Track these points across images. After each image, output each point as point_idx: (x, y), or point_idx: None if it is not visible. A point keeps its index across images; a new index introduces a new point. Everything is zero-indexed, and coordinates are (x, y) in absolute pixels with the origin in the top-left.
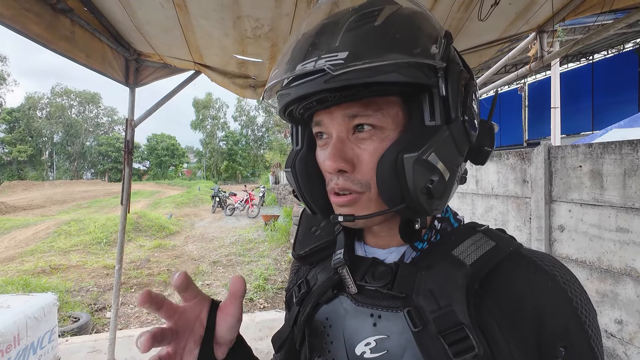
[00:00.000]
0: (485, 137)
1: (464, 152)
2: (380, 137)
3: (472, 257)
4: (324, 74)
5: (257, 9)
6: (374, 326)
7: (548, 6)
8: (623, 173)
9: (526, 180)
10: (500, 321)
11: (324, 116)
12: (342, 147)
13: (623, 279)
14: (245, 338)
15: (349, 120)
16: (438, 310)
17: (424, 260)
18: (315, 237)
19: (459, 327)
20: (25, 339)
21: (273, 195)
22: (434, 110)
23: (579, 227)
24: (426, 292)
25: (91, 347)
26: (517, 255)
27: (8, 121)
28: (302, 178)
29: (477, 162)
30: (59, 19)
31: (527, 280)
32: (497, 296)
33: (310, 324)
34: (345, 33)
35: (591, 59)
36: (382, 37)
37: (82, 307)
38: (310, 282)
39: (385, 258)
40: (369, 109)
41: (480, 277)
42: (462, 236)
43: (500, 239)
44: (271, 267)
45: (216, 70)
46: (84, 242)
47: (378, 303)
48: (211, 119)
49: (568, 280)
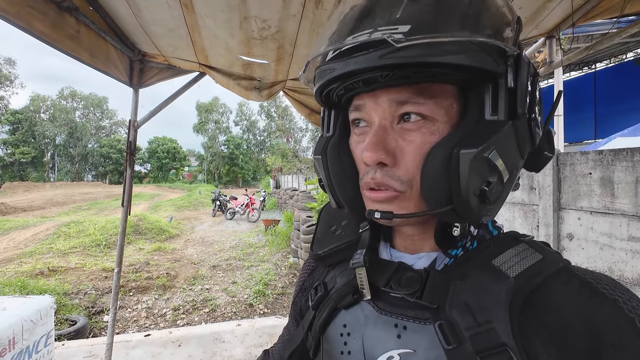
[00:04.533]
0: (545, 142)
1: (525, 154)
2: (430, 129)
3: (515, 269)
4: (380, 48)
5: (264, 9)
6: (398, 338)
7: (558, 11)
8: (635, 181)
9: (533, 187)
10: (549, 346)
11: (368, 100)
12: (385, 137)
13: (635, 289)
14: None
15: (396, 106)
16: (476, 327)
17: (458, 268)
18: (335, 237)
19: (501, 348)
20: (20, 342)
21: (274, 200)
22: (497, 103)
23: (588, 236)
24: (461, 305)
25: (88, 352)
26: (568, 273)
27: (11, 122)
28: (332, 167)
29: (533, 169)
30: (64, 18)
31: (581, 303)
32: (544, 317)
33: (326, 331)
34: (408, 3)
35: (594, 68)
36: (451, 12)
37: (79, 310)
38: (328, 285)
39: (414, 264)
40: (422, 96)
41: (525, 293)
42: (504, 245)
43: (548, 252)
44: (271, 272)
45: (221, 72)
46: (83, 244)
47: (404, 313)
48: (214, 123)
49: (635, 307)
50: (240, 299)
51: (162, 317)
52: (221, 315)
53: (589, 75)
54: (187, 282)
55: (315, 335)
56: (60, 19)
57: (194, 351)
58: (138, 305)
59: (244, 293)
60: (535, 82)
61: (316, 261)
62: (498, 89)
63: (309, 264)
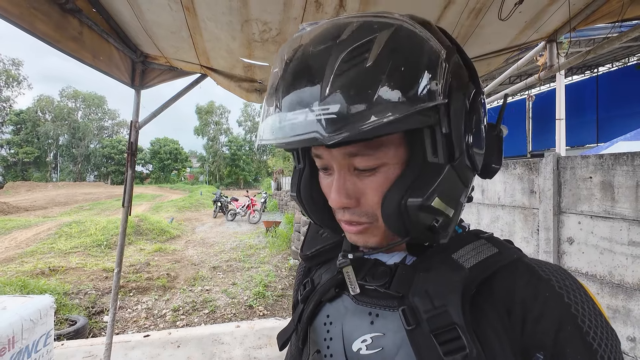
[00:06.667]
0: (493, 152)
1: (469, 183)
2: (382, 172)
3: (471, 261)
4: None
5: (265, 12)
6: (371, 324)
7: (558, 15)
8: (635, 185)
9: (534, 191)
10: (497, 327)
11: (323, 152)
12: (345, 183)
13: (636, 294)
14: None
15: (349, 158)
16: (432, 310)
17: (423, 262)
18: (322, 239)
19: (451, 327)
20: (20, 341)
21: (275, 202)
22: (436, 147)
23: (589, 240)
24: (422, 292)
25: (87, 352)
26: (518, 262)
27: (15, 122)
28: (307, 203)
29: (485, 177)
30: (67, 19)
31: (522, 285)
32: (494, 302)
33: (312, 321)
34: (334, 78)
35: (596, 72)
36: (375, 82)
37: (79, 310)
38: (315, 281)
39: (387, 260)
40: (370, 148)
41: (477, 281)
42: (464, 241)
43: (504, 246)
44: (271, 274)
45: (222, 74)
46: (84, 244)
47: (376, 302)
48: (214, 125)
49: (567, 285)
50: (240, 301)
51: (161, 318)
52: (221, 317)
53: (591, 79)
54: (187, 283)
55: (303, 327)
56: (63, 21)
57: (193, 352)
58: (138, 306)
59: (243, 294)
60: (476, 100)
61: (305, 261)
62: (435, 134)
63: (302, 266)
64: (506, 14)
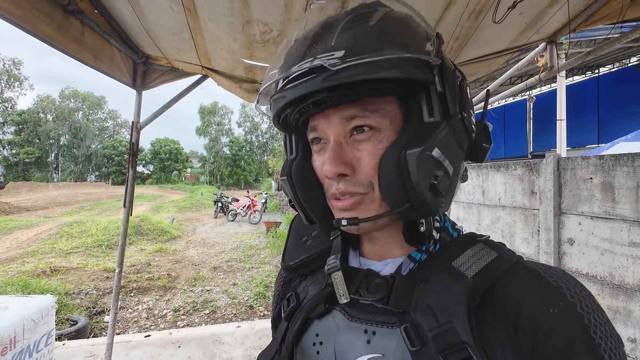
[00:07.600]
0: (482, 135)
1: (464, 148)
2: (378, 138)
3: (473, 269)
4: (321, 73)
5: (266, 13)
6: (367, 343)
7: (558, 17)
8: (636, 186)
9: (534, 192)
10: (501, 338)
11: (320, 120)
12: (341, 151)
13: (636, 295)
14: (244, 347)
15: (346, 122)
16: (437, 328)
17: (422, 272)
18: (306, 247)
19: (460, 346)
20: (21, 341)
21: (275, 202)
22: (432, 107)
23: (589, 241)
24: (425, 308)
25: (88, 352)
26: (519, 266)
27: (17, 123)
28: (299, 186)
29: (476, 160)
30: (69, 21)
31: (529, 293)
32: (497, 310)
33: (299, 341)
34: (340, 33)
35: (597, 72)
36: (377, 35)
37: (80, 310)
38: (300, 296)
39: (381, 270)
40: (367, 109)
41: (482, 291)
42: (463, 247)
43: (503, 250)
44: (272, 274)
45: (223, 75)
46: (85, 245)
47: (373, 318)
48: (216, 125)
49: (578, 294)
50: (240, 301)
51: (162, 318)
52: (221, 317)
53: (592, 79)
54: (188, 283)
55: (288, 347)
56: (65, 22)
57: (193, 352)
58: (139, 306)
59: (244, 295)
60: (464, 84)
61: (288, 272)
62: (430, 95)
63: (282, 276)
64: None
